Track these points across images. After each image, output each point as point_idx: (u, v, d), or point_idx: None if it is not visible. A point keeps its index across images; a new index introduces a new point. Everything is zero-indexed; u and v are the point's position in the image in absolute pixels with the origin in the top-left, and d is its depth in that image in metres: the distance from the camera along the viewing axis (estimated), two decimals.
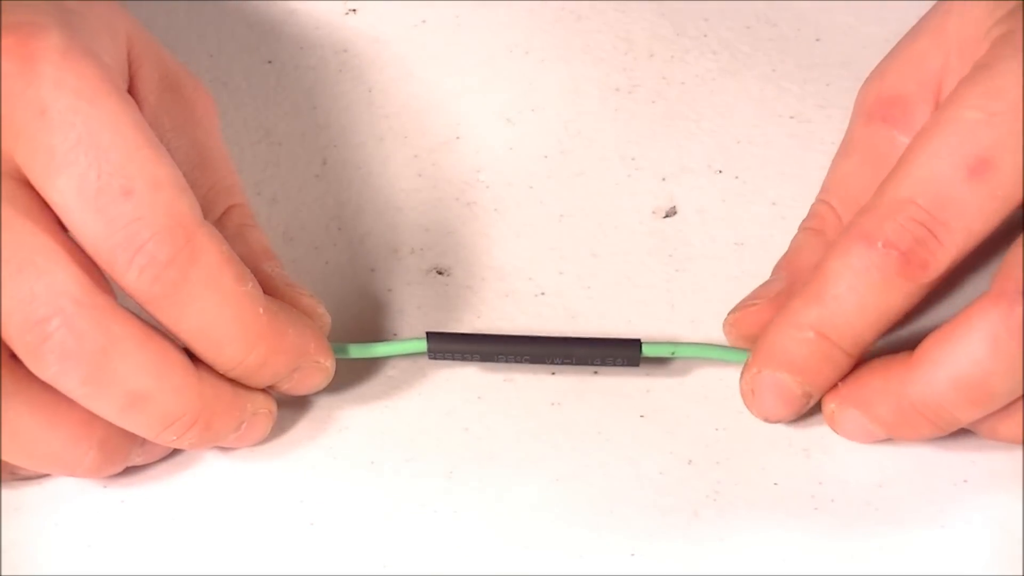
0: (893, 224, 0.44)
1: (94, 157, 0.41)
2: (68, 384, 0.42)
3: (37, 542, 0.45)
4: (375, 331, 0.49)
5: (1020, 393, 0.44)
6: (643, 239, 0.51)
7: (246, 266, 0.44)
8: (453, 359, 0.47)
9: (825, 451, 0.47)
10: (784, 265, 0.49)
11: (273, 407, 0.46)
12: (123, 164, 0.42)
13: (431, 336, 0.47)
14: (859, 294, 0.44)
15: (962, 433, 0.46)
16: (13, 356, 0.42)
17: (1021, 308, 0.43)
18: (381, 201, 0.53)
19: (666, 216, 0.52)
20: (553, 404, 0.48)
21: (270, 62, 0.56)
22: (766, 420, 0.47)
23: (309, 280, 0.51)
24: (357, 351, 0.47)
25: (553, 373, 0.49)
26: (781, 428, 0.47)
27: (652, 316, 0.50)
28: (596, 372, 0.49)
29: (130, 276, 0.42)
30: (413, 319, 0.50)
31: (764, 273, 0.50)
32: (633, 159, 0.53)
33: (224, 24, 0.57)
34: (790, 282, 0.48)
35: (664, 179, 0.53)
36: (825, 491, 0.46)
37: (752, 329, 0.47)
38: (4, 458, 0.44)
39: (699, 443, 0.47)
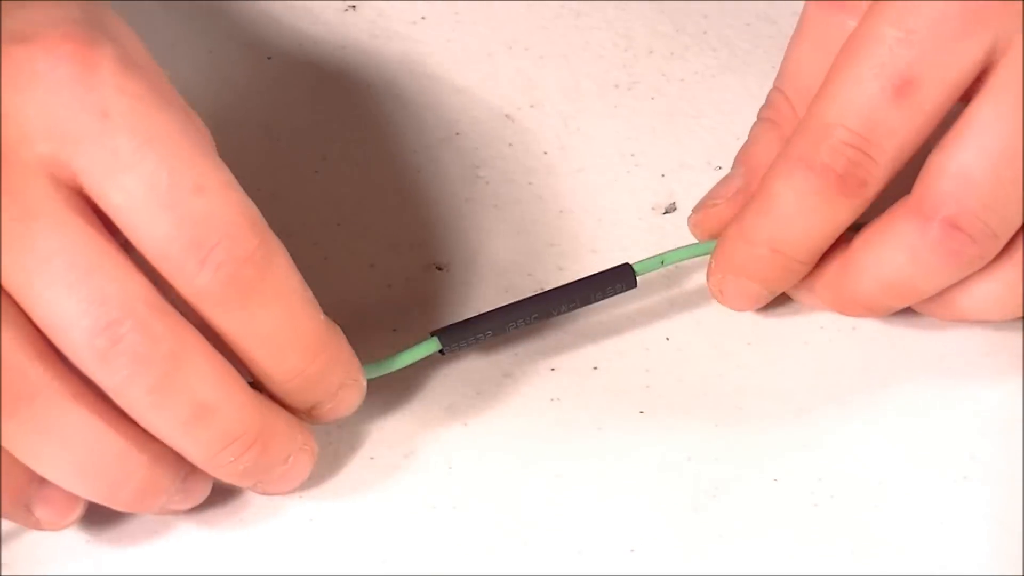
0: (826, 148, 0.45)
1: (163, 155, 0.41)
2: (136, 391, 0.41)
3: (36, 539, 0.45)
4: (374, 327, 0.49)
5: (948, 285, 0.46)
6: (642, 235, 0.52)
7: None
8: (468, 346, 0.47)
9: (825, 448, 0.47)
10: (743, 159, 0.49)
11: (315, 445, 0.45)
12: (192, 163, 0.41)
13: (440, 334, 0.47)
14: (805, 215, 0.46)
15: (962, 429, 0.46)
16: (66, 366, 0.41)
17: (935, 228, 0.44)
18: (380, 197, 0.53)
19: (665, 212, 0.52)
20: (552, 400, 0.48)
21: (269, 58, 0.56)
22: (739, 311, 0.49)
23: (308, 276, 0.50)
24: (371, 371, 0.46)
25: (552, 369, 0.48)
26: (780, 425, 0.47)
27: (651, 313, 0.50)
28: (595, 368, 0.49)
29: (202, 277, 0.41)
30: (412, 315, 0.50)
31: None
32: (632, 155, 0.53)
33: (224, 21, 0.57)
34: (747, 179, 0.48)
35: (664, 175, 0.53)
36: (825, 488, 0.46)
37: (715, 228, 0.48)
38: (50, 474, 0.42)
39: (698, 439, 0.47)
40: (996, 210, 0.44)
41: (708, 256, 0.48)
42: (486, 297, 0.50)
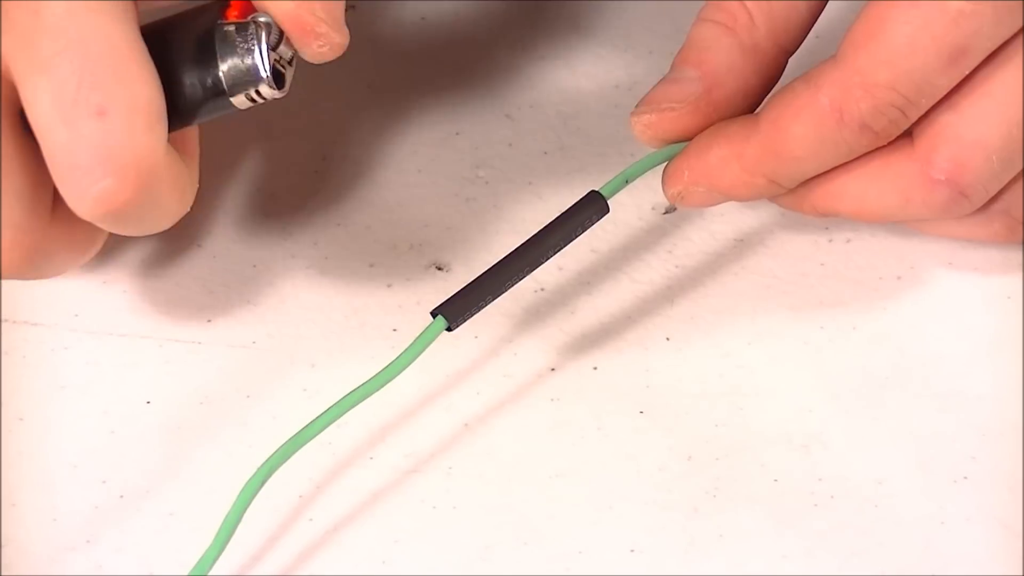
0: (869, 107, 0.44)
1: (78, 66, 0.40)
2: None
3: (36, 539, 0.45)
4: (374, 326, 0.49)
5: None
6: (643, 235, 0.51)
7: (195, 178, 0.44)
8: (472, 315, 0.46)
9: (825, 448, 0.47)
10: (694, 62, 0.48)
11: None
12: (106, 81, 0.41)
13: (442, 312, 0.45)
14: (823, 159, 0.46)
15: (962, 429, 0.46)
16: None
17: (943, 191, 0.45)
18: (380, 197, 0.52)
19: (666, 212, 0.52)
20: (552, 400, 0.48)
21: None
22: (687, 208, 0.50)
23: (308, 275, 0.50)
24: (386, 374, 0.45)
25: (552, 369, 0.48)
26: (780, 424, 0.47)
27: (651, 313, 0.50)
28: (595, 368, 0.49)
29: (82, 203, 0.41)
30: (412, 314, 0.50)
31: (764, 269, 0.50)
32: (633, 155, 0.53)
33: None
34: (707, 86, 0.47)
35: None
36: (825, 488, 0.46)
37: (669, 135, 0.47)
38: None
39: (698, 439, 0.47)
40: (1001, 178, 0.45)
41: (664, 161, 0.48)
42: None
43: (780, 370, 0.48)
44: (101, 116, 0.41)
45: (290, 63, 0.45)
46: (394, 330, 0.49)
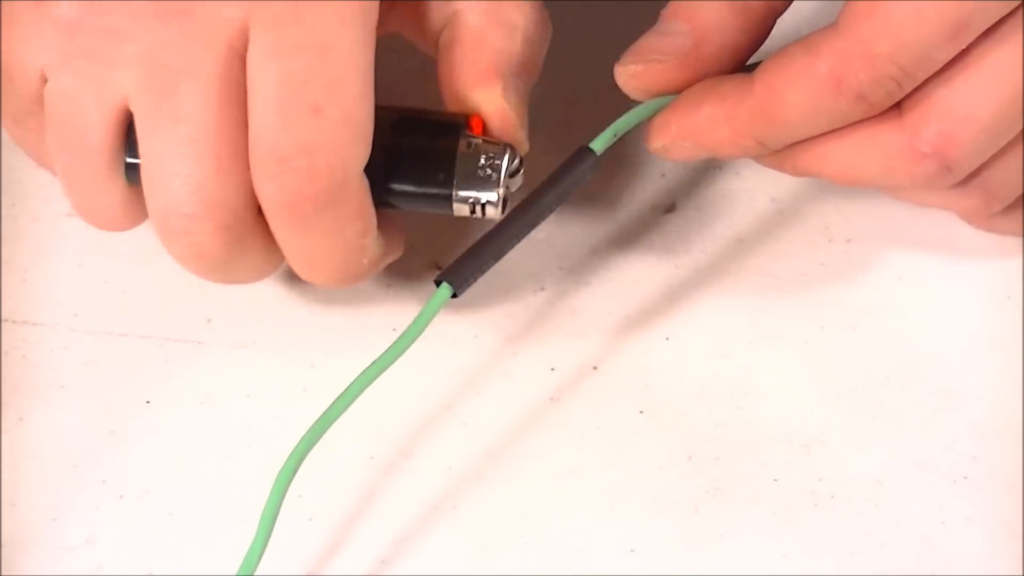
0: (868, 78, 0.44)
1: (314, 65, 0.42)
2: None
3: (36, 539, 0.45)
4: (375, 325, 0.49)
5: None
6: (643, 235, 0.51)
7: (375, 218, 0.45)
8: (475, 280, 0.46)
9: (825, 447, 0.47)
10: (683, 16, 0.47)
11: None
12: (332, 85, 0.42)
13: (445, 279, 0.45)
14: (814, 125, 0.45)
15: (962, 429, 0.46)
16: None
17: (929, 164, 0.45)
18: None
19: (665, 212, 0.52)
20: (552, 399, 0.48)
21: None
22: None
23: None
24: (395, 349, 0.46)
25: (552, 369, 0.48)
26: (780, 424, 0.47)
27: (651, 313, 0.50)
28: (595, 368, 0.49)
29: (268, 187, 0.43)
30: (412, 314, 0.49)
31: (763, 269, 0.50)
32: (632, 155, 0.53)
33: None
34: (696, 41, 0.47)
35: (663, 175, 0.53)
36: (825, 487, 0.46)
37: (655, 87, 0.47)
38: None
39: (698, 439, 0.47)
40: (985, 154, 0.45)
41: (651, 114, 0.47)
42: (486, 297, 0.50)
43: (780, 370, 0.48)
44: (315, 114, 0.42)
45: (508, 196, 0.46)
46: (394, 330, 0.49)
